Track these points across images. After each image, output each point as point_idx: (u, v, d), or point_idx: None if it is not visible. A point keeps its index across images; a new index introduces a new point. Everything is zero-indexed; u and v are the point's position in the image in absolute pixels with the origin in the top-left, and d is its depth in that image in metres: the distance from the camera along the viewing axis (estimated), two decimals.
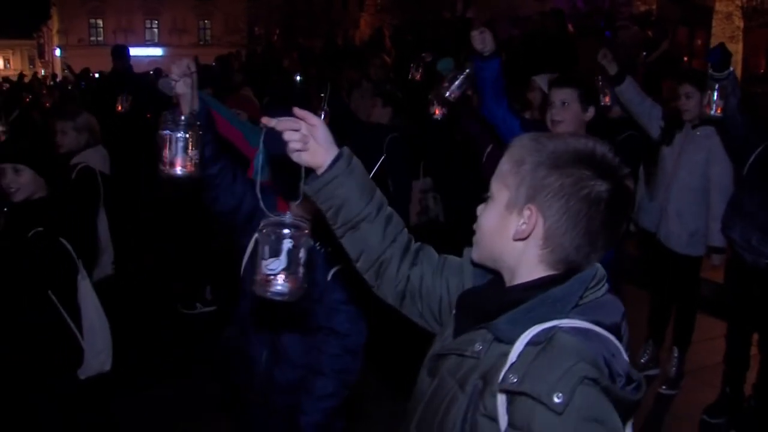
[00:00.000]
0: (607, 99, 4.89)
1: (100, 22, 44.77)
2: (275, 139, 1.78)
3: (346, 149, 1.80)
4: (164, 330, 5.90)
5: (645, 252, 5.53)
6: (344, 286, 2.59)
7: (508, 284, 1.60)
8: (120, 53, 8.28)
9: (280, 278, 1.73)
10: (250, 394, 2.84)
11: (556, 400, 1.30)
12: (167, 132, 2.18)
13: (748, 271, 4.15)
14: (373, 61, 8.35)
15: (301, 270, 1.75)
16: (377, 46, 16.03)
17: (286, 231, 1.73)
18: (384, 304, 1.95)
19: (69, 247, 3.29)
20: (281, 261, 1.72)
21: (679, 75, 5.15)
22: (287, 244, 1.72)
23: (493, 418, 1.42)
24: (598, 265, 1.56)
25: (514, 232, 1.54)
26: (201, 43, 40.01)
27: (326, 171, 1.78)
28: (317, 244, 2.57)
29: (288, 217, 1.73)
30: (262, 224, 1.75)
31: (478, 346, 1.52)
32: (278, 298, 1.74)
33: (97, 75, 8.72)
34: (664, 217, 4.81)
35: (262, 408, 2.82)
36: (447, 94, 4.13)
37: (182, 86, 2.38)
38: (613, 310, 1.52)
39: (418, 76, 7.04)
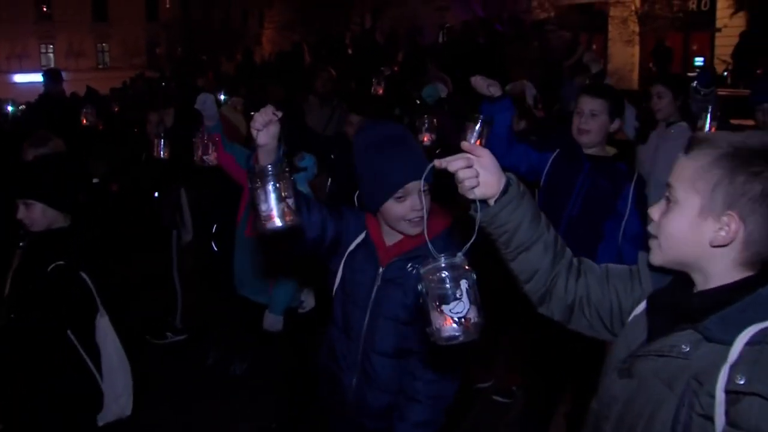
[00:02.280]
0: None
1: None
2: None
3: (511, 175, 1.77)
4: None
5: None
6: None
7: (701, 286, 1.60)
8: (54, 77, 7.98)
9: (470, 319, 1.67)
10: (339, 420, 2.73)
11: None
12: (258, 186, 2.10)
13: None
14: (320, 74, 8.27)
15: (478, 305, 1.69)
16: (296, 61, 15.98)
17: (457, 272, 1.68)
18: None
19: (89, 282, 3.10)
20: (464, 302, 1.66)
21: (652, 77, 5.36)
22: (464, 284, 1.67)
23: (709, 418, 1.43)
24: None
25: (712, 239, 1.53)
26: (100, 66, 38.82)
27: (500, 198, 1.75)
28: (409, 264, 2.48)
29: (445, 258, 1.68)
30: (424, 271, 1.69)
31: (684, 347, 1.52)
32: (469, 339, 1.67)
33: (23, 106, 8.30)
34: None
35: (351, 430, 2.72)
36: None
37: (265, 136, 2.23)
38: None
39: (380, 90, 7.04)
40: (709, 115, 4.29)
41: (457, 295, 1.67)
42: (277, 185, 2.09)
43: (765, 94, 4.67)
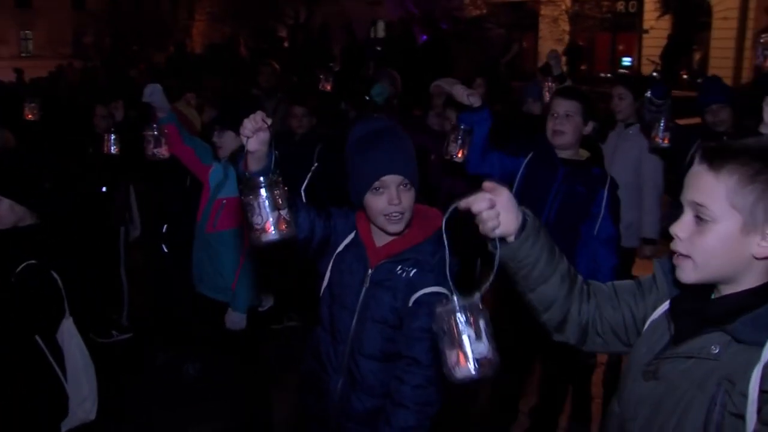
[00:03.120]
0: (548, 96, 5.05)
1: None
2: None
3: (525, 209, 1.79)
4: None
5: None
6: (426, 313, 2.41)
7: (727, 291, 1.64)
8: None
9: (488, 358, 1.66)
10: (322, 424, 2.68)
11: None
12: (251, 197, 2.05)
13: None
14: (263, 69, 8.19)
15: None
16: (231, 53, 15.81)
17: (473, 313, 1.66)
18: None
19: (60, 282, 2.99)
20: (484, 343, 1.66)
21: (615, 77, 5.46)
22: (482, 324, 1.66)
23: (741, 416, 1.49)
24: None
25: (756, 252, 1.57)
26: (23, 54, 37.44)
27: (519, 234, 1.77)
28: (398, 267, 2.48)
29: (459, 299, 1.66)
30: (439, 312, 1.67)
31: (714, 349, 1.57)
32: (485, 377, 1.67)
33: None
34: None
35: None
36: (454, 155, 3.96)
37: (255, 143, 2.14)
38: None
39: (328, 87, 7.01)
40: (662, 126, 4.41)
41: (476, 336, 1.66)
42: (271, 195, 2.05)
43: (713, 95, 4.83)
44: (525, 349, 4.18)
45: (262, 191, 2.04)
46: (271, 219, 2.05)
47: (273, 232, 2.05)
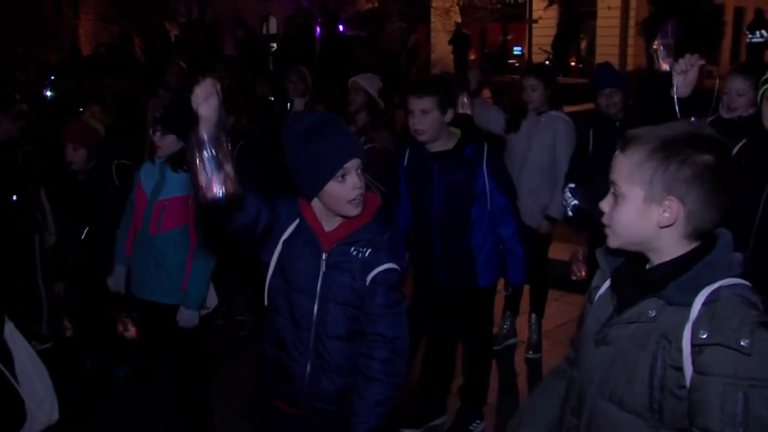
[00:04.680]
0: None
1: None
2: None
3: None
4: None
5: None
6: (384, 291, 2.59)
7: (656, 261, 1.85)
8: None
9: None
10: (291, 408, 2.76)
11: (743, 344, 1.61)
12: (196, 154, 2.13)
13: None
14: (171, 69, 8.09)
15: None
16: (125, 53, 15.44)
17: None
18: None
19: None
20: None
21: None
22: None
23: (679, 368, 1.72)
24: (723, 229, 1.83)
25: (658, 221, 1.78)
26: None
27: None
28: (352, 249, 2.59)
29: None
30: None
31: (651, 312, 1.79)
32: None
33: None
34: (518, 197, 5.22)
35: (299, 416, 2.74)
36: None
37: (206, 109, 2.18)
38: (740, 263, 1.81)
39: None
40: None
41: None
42: (216, 153, 2.13)
43: (606, 80, 5.09)
44: (444, 334, 4.40)
45: (206, 148, 2.13)
46: (215, 177, 2.13)
47: (218, 190, 2.14)
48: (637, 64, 17.84)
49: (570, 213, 4.77)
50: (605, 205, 1.88)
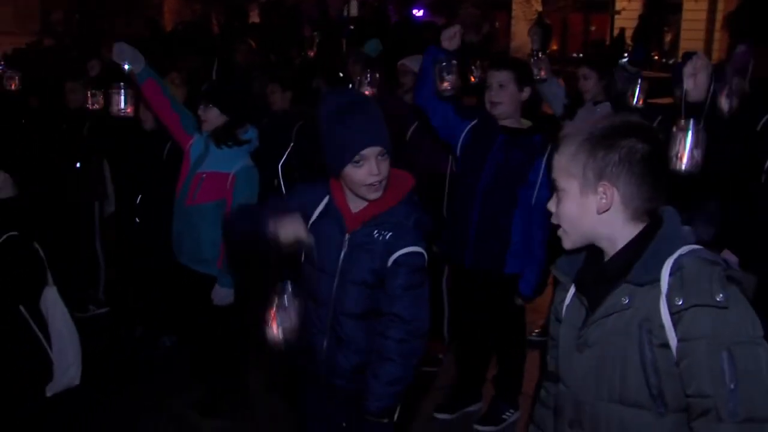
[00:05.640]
0: (543, 72, 5.12)
1: None
2: None
3: None
4: None
5: None
6: (405, 272, 2.59)
7: (612, 251, 1.89)
8: None
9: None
10: (311, 382, 2.82)
11: (718, 299, 1.67)
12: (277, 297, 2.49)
13: None
14: (239, 46, 8.20)
15: None
16: (203, 31, 15.68)
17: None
18: None
19: (41, 252, 3.05)
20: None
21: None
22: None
23: (666, 345, 1.75)
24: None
25: (597, 207, 1.84)
26: None
27: None
28: (375, 231, 2.59)
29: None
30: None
31: (624, 300, 1.81)
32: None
33: None
34: None
35: (322, 391, 2.79)
36: (447, 89, 4.03)
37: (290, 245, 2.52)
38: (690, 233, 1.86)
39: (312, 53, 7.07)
40: (638, 87, 4.43)
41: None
42: (291, 307, 2.48)
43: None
44: (480, 326, 4.35)
45: (287, 298, 2.46)
46: (286, 324, 2.48)
47: (288, 334, 2.50)
48: (723, 59, 17.25)
49: None
50: (551, 205, 1.95)
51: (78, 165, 5.74)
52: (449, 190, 4.64)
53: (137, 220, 5.08)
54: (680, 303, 1.70)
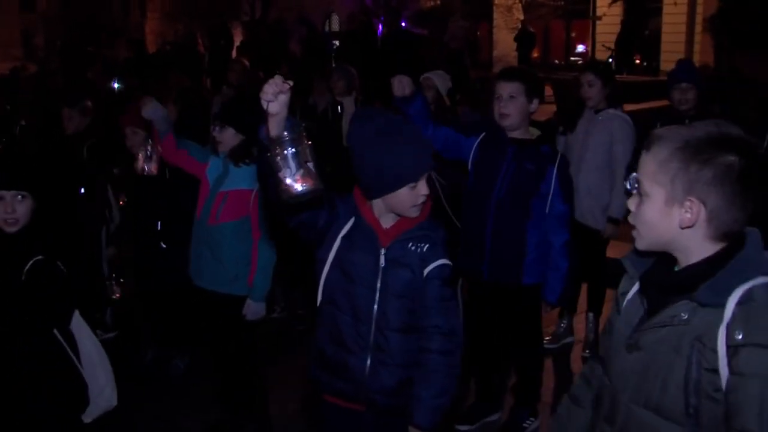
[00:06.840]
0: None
1: None
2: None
3: None
4: None
5: None
6: (439, 284, 2.64)
7: (684, 262, 1.84)
8: None
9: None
10: (348, 404, 2.78)
11: None
12: (277, 151, 2.15)
13: None
14: (233, 66, 8.24)
15: None
16: (190, 50, 15.72)
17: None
18: None
19: (65, 272, 3.03)
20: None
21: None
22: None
23: (715, 371, 1.71)
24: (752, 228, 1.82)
25: (680, 221, 1.78)
26: None
27: None
28: (410, 244, 2.63)
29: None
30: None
31: (683, 315, 1.77)
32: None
33: None
34: (576, 197, 5.15)
35: (360, 415, 2.76)
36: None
37: (276, 106, 2.22)
38: None
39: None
40: None
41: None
42: (297, 150, 2.16)
43: (685, 73, 5.08)
44: (493, 331, 4.37)
45: (288, 146, 2.15)
46: (299, 173, 2.15)
47: (300, 186, 2.16)
48: (703, 61, 17.38)
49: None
50: (632, 203, 1.89)
51: (82, 191, 5.72)
52: (463, 204, 4.67)
53: (163, 245, 5.08)
54: (740, 337, 1.67)
